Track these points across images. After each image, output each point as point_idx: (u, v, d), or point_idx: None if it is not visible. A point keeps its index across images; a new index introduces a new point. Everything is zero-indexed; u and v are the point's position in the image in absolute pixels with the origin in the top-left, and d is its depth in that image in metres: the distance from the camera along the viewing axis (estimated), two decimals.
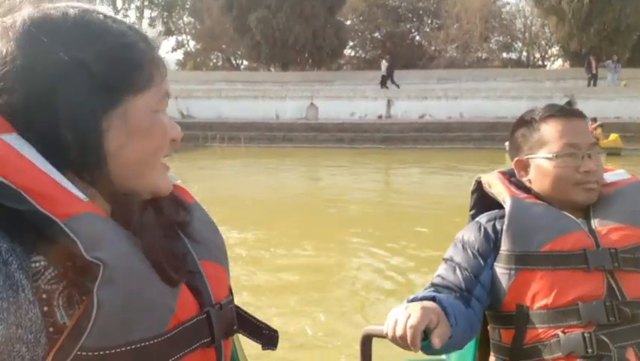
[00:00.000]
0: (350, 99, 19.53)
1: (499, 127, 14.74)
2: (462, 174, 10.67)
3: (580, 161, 1.18)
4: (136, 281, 0.55)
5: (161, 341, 0.56)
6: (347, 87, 20.99)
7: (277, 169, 12.75)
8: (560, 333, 1.08)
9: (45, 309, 0.52)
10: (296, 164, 13.81)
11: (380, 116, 19.29)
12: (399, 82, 21.12)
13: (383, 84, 20.94)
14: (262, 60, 27.47)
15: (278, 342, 0.75)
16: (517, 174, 1.27)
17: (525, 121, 1.25)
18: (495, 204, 1.24)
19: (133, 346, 0.53)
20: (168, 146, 0.63)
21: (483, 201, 1.29)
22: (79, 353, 0.51)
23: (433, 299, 1.04)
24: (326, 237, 6.27)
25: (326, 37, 25.27)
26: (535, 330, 1.11)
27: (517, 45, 33.27)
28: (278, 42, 24.72)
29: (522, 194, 1.21)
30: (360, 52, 34.00)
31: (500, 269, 1.15)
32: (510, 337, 1.15)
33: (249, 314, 0.74)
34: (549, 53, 32.66)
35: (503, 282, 1.14)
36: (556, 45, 29.43)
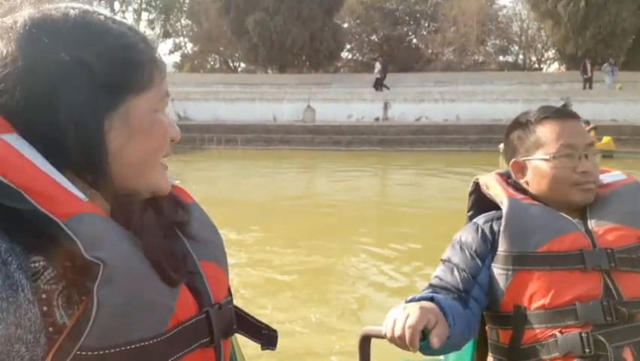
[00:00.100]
0: (347, 102, 19.54)
1: (495, 130, 14.76)
2: (457, 177, 10.70)
3: (577, 161, 1.19)
4: (136, 281, 0.55)
5: (160, 341, 0.56)
6: (344, 90, 21.00)
7: (274, 171, 12.73)
8: (558, 333, 1.08)
9: (44, 309, 0.52)
10: (293, 166, 13.80)
11: (377, 118, 19.30)
12: (395, 85, 21.14)
13: (377, 86, 20.95)
14: (259, 62, 27.45)
15: (277, 342, 0.75)
16: (514, 176, 1.27)
17: (520, 123, 1.26)
18: (492, 205, 1.25)
19: (132, 346, 0.53)
20: (168, 145, 0.63)
21: (481, 202, 1.29)
22: (78, 353, 0.51)
23: (431, 300, 1.04)
24: (323, 238, 6.26)
25: (323, 39, 25.28)
26: (532, 330, 1.11)
27: (513, 48, 33.43)
28: (275, 44, 24.71)
29: (519, 195, 1.22)
30: (357, 55, 34.06)
31: (498, 270, 1.16)
32: (508, 337, 1.16)
33: (248, 314, 0.74)
34: (545, 56, 32.87)
35: (501, 283, 1.15)
36: (552, 48, 29.57)
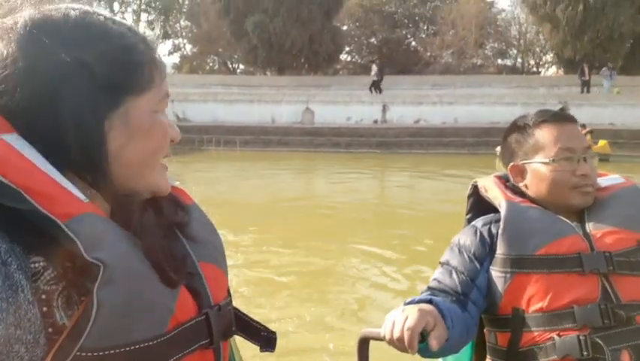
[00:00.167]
0: (346, 104, 19.55)
1: (493, 133, 14.77)
2: (455, 179, 10.71)
3: (576, 165, 1.19)
4: (136, 282, 0.55)
5: (160, 342, 0.56)
6: (343, 92, 21.01)
7: (273, 173, 12.73)
8: (556, 336, 1.09)
9: (44, 310, 0.52)
10: (292, 168, 13.80)
11: (376, 120, 19.31)
12: (394, 87, 21.17)
13: (375, 88, 20.97)
14: (258, 64, 27.45)
15: (276, 344, 0.75)
16: (512, 179, 1.28)
17: (518, 127, 1.26)
18: (491, 208, 1.25)
19: (132, 346, 0.53)
20: (168, 146, 0.63)
21: (479, 205, 1.29)
22: (78, 354, 0.51)
23: (430, 302, 1.05)
24: (322, 240, 6.26)
25: (322, 42, 25.29)
26: (530, 333, 1.11)
27: (511, 52, 33.49)
28: (274, 46, 24.72)
29: (517, 198, 1.22)
30: (356, 57, 34.10)
31: (496, 273, 1.16)
32: (506, 340, 1.16)
33: (247, 316, 0.74)
34: (543, 60, 32.92)
35: (499, 285, 1.15)
36: (550, 52, 29.65)
